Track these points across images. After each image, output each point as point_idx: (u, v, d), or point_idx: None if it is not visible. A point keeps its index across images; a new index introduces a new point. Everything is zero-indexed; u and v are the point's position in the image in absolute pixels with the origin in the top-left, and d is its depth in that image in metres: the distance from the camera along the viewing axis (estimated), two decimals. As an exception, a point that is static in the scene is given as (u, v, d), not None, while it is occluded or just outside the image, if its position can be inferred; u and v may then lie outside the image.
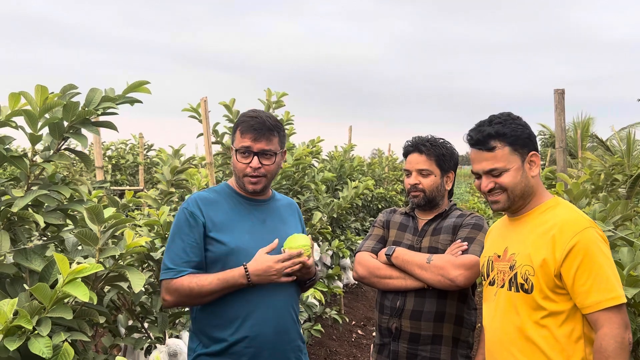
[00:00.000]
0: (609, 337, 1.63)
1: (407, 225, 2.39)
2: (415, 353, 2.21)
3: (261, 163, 1.98)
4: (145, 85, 1.78)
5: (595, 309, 1.66)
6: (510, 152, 1.78)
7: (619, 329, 1.64)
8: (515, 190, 1.79)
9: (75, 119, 1.69)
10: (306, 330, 4.13)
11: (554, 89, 3.36)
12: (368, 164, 8.81)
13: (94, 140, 3.79)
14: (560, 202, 1.84)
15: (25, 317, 1.40)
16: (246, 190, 2.04)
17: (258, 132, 1.96)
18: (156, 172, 3.74)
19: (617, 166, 4.25)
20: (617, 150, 11.52)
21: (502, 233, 1.94)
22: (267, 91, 4.39)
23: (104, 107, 1.72)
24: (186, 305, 2.09)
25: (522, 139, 1.80)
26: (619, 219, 2.58)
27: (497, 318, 1.84)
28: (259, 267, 1.89)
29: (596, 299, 1.65)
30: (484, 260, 1.97)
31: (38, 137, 1.70)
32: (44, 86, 1.65)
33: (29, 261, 1.75)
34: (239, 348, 1.95)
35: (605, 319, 1.65)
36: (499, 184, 1.80)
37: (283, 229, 2.08)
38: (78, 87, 1.71)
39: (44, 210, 1.82)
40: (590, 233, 1.70)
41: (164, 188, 3.38)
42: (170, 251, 1.97)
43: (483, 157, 1.81)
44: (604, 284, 1.66)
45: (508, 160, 1.78)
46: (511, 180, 1.78)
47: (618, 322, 1.64)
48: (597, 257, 1.67)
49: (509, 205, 1.83)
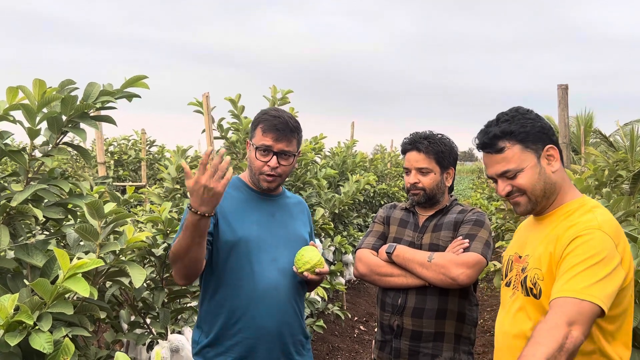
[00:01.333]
0: (544, 320, 1.42)
1: (407, 221, 2.37)
2: (417, 350, 2.20)
3: (279, 163, 1.99)
4: (143, 80, 1.77)
5: (553, 297, 1.46)
6: (521, 151, 1.63)
7: (558, 317, 1.40)
8: (535, 191, 1.64)
9: (73, 113, 1.68)
10: (308, 326, 4.13)
11: (557, 85, 3.34)
12: (370, 160, 8.81)
13: (96, 136, 3.79)
14: (587, 202, 1.66)
15: (26, 312, 1.40)
16: (260, 187, 2.05)
17: (280, 133, 1.96)
18: (159, 168, 3.75)
19: (621, 162, 4.23)
20: (621, 146, 11.48)
21: (525, 232, 1.80)
22: (273, 88, 4.39)
23: (102, 101, 1.71)
24: (189, 273, 1.92)
25: (533, 134, 1.64)
26: (623, 215, 2.57)
27: (507, 321, 1.72)
28: (190, 194, 1.73)
29: (557, 288, 1.46)
30: (505, 259, 1.84)
31: (36, 131, 1.70)
32: (41, 80, 1.64)
33: (30, 256, 1.75)
34: (239, 338, 1.96)
35: (552, 306, 1.43)
36: (516, 186, 1.65)
37: (292, 223, 2.10)
38: (76, 82, 1.71)
39: (44, 205, 1.82)
40: (594, 234, 1.52)
41: (169, 185, 3.39)
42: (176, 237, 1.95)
43: (494, 160, 1.67)
44: (575, 276, 1.45)
45: (521, 160, 1.63)
46: (528, 180, 1.63)
47: (563, 311, 1.40)
48: (588, 254, 1.48)
49: (532, 207, 1.67)
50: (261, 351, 1.97)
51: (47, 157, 1.73)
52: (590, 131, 12.65)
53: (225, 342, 1.98)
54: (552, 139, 1.69)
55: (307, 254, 1.98)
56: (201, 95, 3.77)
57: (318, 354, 4.93)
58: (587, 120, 14.13)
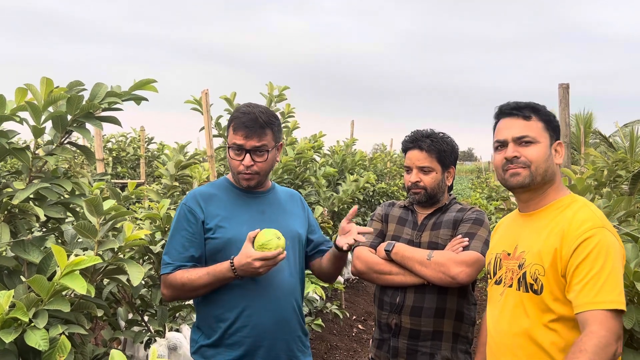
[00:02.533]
0: (594, 334, 1.45)
1: (406, 219, 2.35)
2: (415, 349, 2.19)
3: (253, 160, 1.96)
4: (152, 83, 1.77)
5: (585, 308, 1.50)
6: (543, 129, 1.70)
7: (607, 333, 1.45)
8: (540, 168, 1.67)
9: (78, 112, 1.68)
10: (307, 324, 4.13)
11: (558, 84, 3.33)
12: (370, 159, 8.80)
13: (94, 132, 3.77)
14: (577, 199, 1.71)
15: (22, 309, 1.39)
16: (241, 185, 2.04)
17: (249, 130, 1.94)
18: (157, 165, 3.74)
19: (620, 162, 4.22)
20: (620, 147, 11.48)
21: (512, 229, 1.80)
22: (269, 85, 4.38)
23: (108, 102, 1.71)
24: (184, 299, 2.10)
25: (554, 125, 1.73)
26: (623, 215, 2.56)
27: (504, 320, 1.71)
28: (242, 262, 1.85)
29: (590, 299, 1.49)
30: (490, 258, 1.85)
31: (41, 129, 1.70)
32: (49, 79, 1.64)
33: (27, 253, 1.74)
34: (237, 338, 1.96)
35: (595, 321, 1.47)
36: (524, 156, 1.67)
37: (284, 219, 2.07)
38: (85, 84, 1.71)
39: (46, 203, 1.81)
40: (603, 232, 1.56)
41: (168, 182, 3.38)
42: (169, 246, 2.01)
43: (516, 124, 1.70)
44: (603, 284, 1.50)
45: (540, 134, 1.69)
46: (538, 154, 1.67)
47: (609, 327, 1.46)
48: (604, 256, 1.52)
49: (529, 181, 1.68)
50: (260, 350, 1.96)
51: (50, 156, 1.72)
52: (590, 132, 12.64)
53: (224, 341, 1.97)
54: (560, 139, 1.76)
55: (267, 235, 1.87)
56: (200, 93, 3.76)
57: (316, 353, 4.92)
58: (587, 120, 14.14)
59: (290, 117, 4.63)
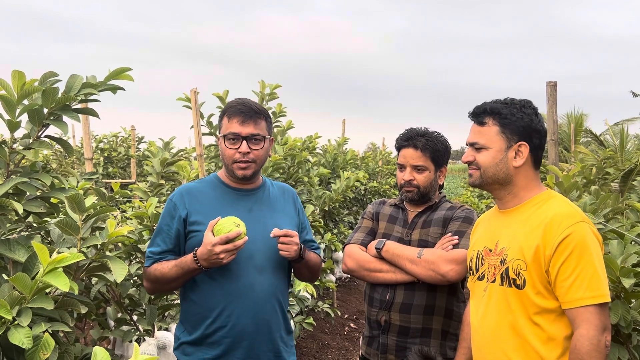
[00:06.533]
0: (585, 338, 1.57)
1: (396, 217, 2.36)
2: (405, 346, 2.20)
3: (250, 148, 1.96)
4: (127, 72, 1.74)
5: (574, 305, 1.59)
6: (497, 133, 1.76)
7: (595, 331, 1.57)
8: (487, 172, 1.77)
9: (54, 105, 1.65)
10: (298, 323, 4.12)
11: (546, 82, 3.35)
12: (361, 158, 8.81)
13: (83, 131, 3.75)
14: (554, 195, 1.78)
15: (5, 307, 1.38)
16: (236, 177, 2.01)
17: (245, 115, 1.95)
18: (146, 164, 3.72)
19: (609, 160, 4.25)
20: (610, 145, 11.55)
21: (492, 226, 1.86)
22: (261, 83, 4.37)
23: (84, 94, 1.68)
24: (163, 292, 2.22)
25: (517, 125, 1.74)
26: (610, 212, 2.58)
27: (489, 315, 1.76)
28: (202, 251, 1.85)
29: (578, 295, 1.59)
30: (472, 254, 1.89)
31: (16, 123, 1.67)
32: (20, 71, 1.61)
33: (12, 252, 1.72)
34: (216, 337, 1.96)
35: (583, 319, 1.58)
36: (476, 160, 1.79)
37: (271, 217, 2.05)
38: (59, 75, 1.68)
39: (25, 198, 1.79)
40: (582, 227, 1.63)
41: (154, 180, 3.35)
42: (152, 240, 2.03)
43: (473, 130, 1.81)
44: (589, 280, 1.58)
45: (492, 140, 1.76)
46: (486, 160, 1.77)
47: (596, 324, 1.57)
48: (586, 253, 1.60)
49: (479, 183, 1.82)
50: (239, 350, 1.96)
51: (27, 150, 1.70)
52: (581, 130, 12.72)
53: (204, 340, 1.97)
54: (531, 140, 1.76)
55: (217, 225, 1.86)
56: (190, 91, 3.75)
57: (308, 352, 4.92)
58: (578, 118, 14.22)
59: (282, 117, 4.62)
